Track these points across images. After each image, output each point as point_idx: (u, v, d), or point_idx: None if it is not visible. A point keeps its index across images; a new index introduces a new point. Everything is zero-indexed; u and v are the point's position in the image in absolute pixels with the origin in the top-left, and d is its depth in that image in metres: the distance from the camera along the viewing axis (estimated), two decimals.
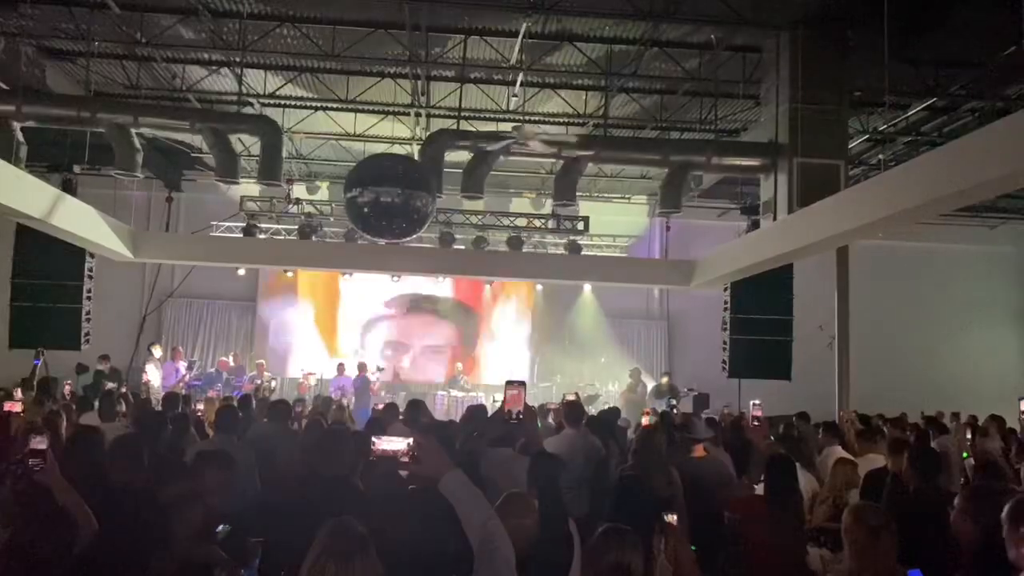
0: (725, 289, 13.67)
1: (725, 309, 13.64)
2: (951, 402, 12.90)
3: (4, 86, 11.69)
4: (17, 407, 6.65)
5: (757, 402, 5.73)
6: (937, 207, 8.61)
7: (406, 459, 2.48)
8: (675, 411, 8.68)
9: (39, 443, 3.35)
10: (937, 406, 12.48)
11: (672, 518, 3.12)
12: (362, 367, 15.10)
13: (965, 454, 6.55)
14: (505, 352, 17.84)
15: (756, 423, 5.39)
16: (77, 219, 11.62)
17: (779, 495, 4.49)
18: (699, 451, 5.74)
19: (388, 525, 2.85)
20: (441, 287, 17.99)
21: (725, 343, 13.52)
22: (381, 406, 8.95)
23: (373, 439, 2.53)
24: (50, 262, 12.50)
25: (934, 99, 12.19)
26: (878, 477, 5.27)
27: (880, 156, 14.33)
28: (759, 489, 4.97)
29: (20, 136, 11.31)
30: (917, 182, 8.01)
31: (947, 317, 17.90)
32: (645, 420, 7.50)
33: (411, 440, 2.49)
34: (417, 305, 18.05)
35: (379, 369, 15.54)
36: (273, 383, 14.33)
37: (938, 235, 16.48)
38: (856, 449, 7.11)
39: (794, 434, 7.75)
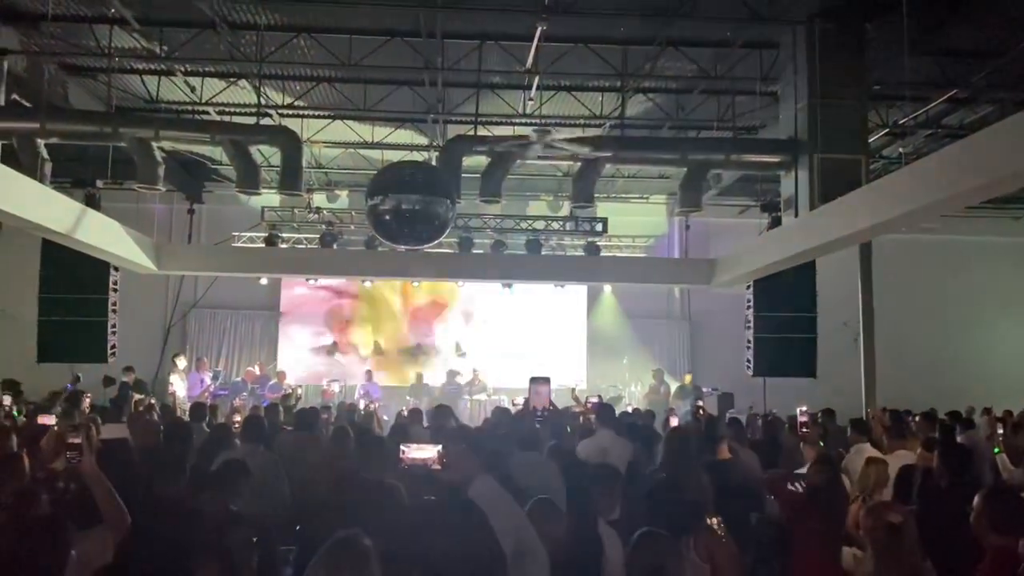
0: (748, 287, 13.59)
1: (748, 307, 13.56)
2: (978, 396, 12.75)
3: (27, 104, 11.86)
4: (51, 420, 6.79)
5: (804, 408, 5.72)
6: (961, 200, 8.53)
7: (436, 466, 2.48)
8: (701, 412, 8.65)
9: (75, 437, 3.53)
10: (964, 400, 12.33)
11: (713, 520, 3.12)
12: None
13: (997, 449, 6.47)
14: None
15: (806, 430, 5.37)
16: (101, 233, 11.75)
17: (824, 494, 4.46)
18: (723, 452, 5.72)
19: (422, 531, 2.86)
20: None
21: (749, 342, 13.43)
22: (407, 412, 8.98)
23: (403, 447, 2.53)
24: (76, 276, 12.64)
25: (955, 91, 12.06)
26: (909, 473, 5.22)
27: (901, 150, 14.20)
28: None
29: (44, 153, 11.46)
30: (940, 175, 7.93)
31: (973, 310, 17.69)
32: (674, 422, 7.49)
33: (440, 447, 2.49)
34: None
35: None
36: (299, 390, 14.42)
37: (962, 227, 16.31)
38: (885, 446, 7.04)
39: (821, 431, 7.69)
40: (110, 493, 3.42)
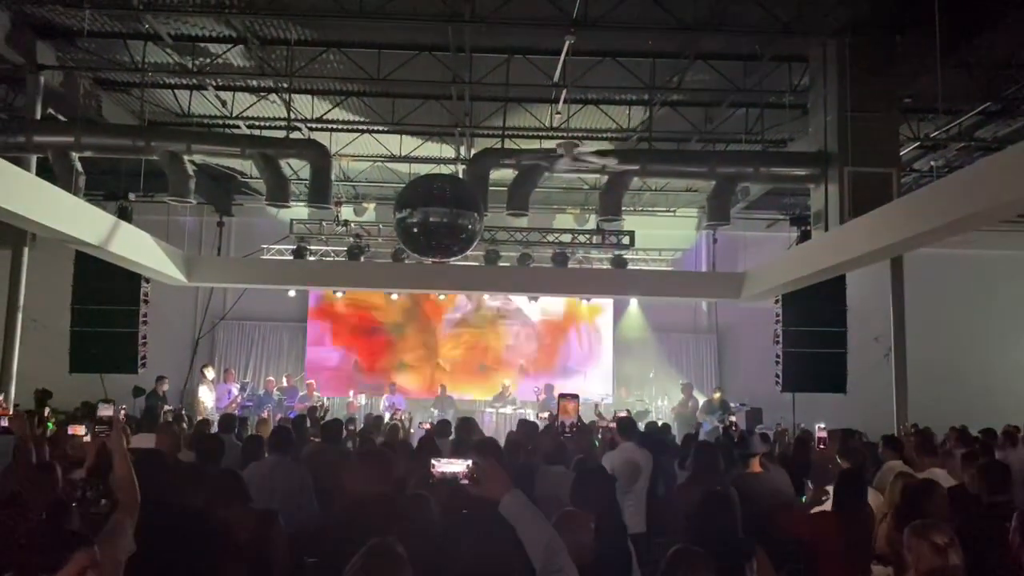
0: (776, 301, 13.48)
1: (777, 322, 13.44)
2: (1013, 414, 12.49)
3: (62, 118, 12.08)
4: (80, 430, 6.83)
5: (822, 425, 5.69)
6: (995, 214, 8.39)
7: (466, 481, 2.47)
8: (734, 428, 8.59)
9: (106, 410, 3.58)
10: (998, 418, 12.08)
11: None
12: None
13: None
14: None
15: (822, 447, 5.33)
16: (133, 245, 11.91)
17: (850, 509, 4.39)
18: (755, 466, 5.67)
19: (450, 547, 2.85)
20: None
21: (778, 356, 13.31)
22: (428, 426, 8.97)
23: (432, 462, 2.52)
24: (108, 288, 12.81)
25: (987, 103, 11.92)
26: (920, 490, 5.00)
27: (932, 163, 14.05)
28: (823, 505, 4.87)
29: (79, 166, 11.64)
30: (974, 189, 7.82)
31: (1007, 325, 17.38)
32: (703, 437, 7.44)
33: (471, 462, 2.48)
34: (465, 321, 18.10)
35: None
36: (326, 402, 14.47)
37: (996, 241, 16.05)
38: (917, 464, 6.92)
39: (853, 446, 7.57)
40: (130, 472, 3.45)
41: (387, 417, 12.47)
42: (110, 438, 3.58)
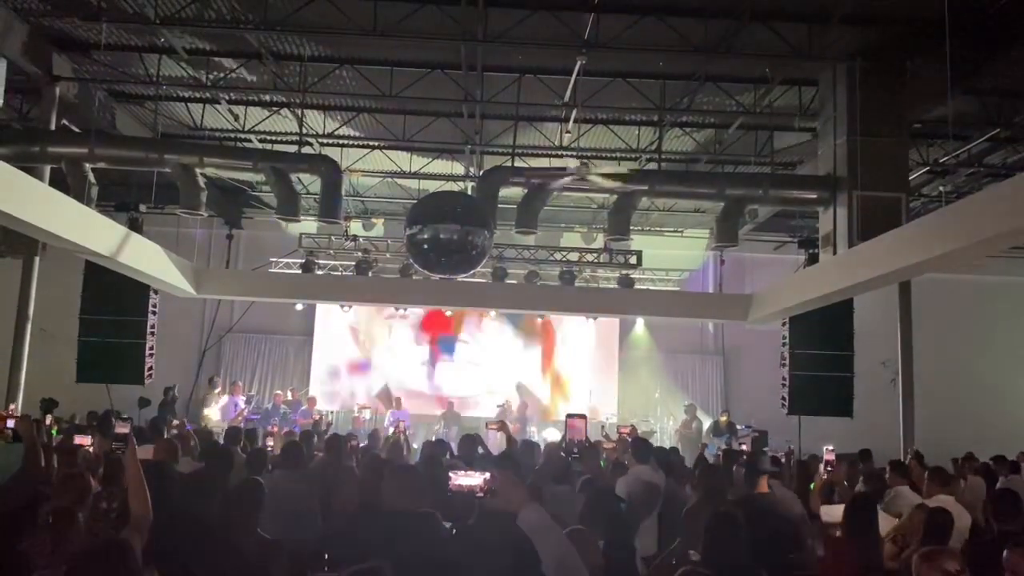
0: (783, 324, 13.46)
1: (784, 344, 13.41)
2: (1021, 441, 12.44)
3: (76, 129, 12.17)
4: (87, 440, 6.83)
5: (831, 447, 5.68)
6: (1003, 241, 8.38)
7: (482, 494, 2.47)
8: (744, 457, 8.58)
9: (122, 427, 3.63)
10: (1007, 444, 12.02)
11: None
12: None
13: None
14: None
15: (830, 468, 5.32)
16: (143, 256, 11.94)
17: (862, 535, 4.38)
18: (762, 485, 5.64)
19: (464, 559, 2.85)
20: None
21: (784, 379, 13.27)
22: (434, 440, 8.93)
23: (451, 474, 2.53)
24: (116, 298, 12.83)
25: (997, 130, 11.95)
26: (942, 518, 5.02)
27: (941, 188, 14.07)
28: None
29: (92, 177, 11.72)
30: (983, 215, 7.82)
31: (1017, 351, 17.32)
32: (709, 459, 7.42)
33: (488, 475, 2.49)
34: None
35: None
36: (329, 417, 14.45)
37: (1004, 268, 16.03)
38: (924, 491, 6.88)
39: (867, 471, 7.55)
40: (143, 490, 3.45)
41: (390, 431, 12.45)
42: (127, 455, 3.59)
